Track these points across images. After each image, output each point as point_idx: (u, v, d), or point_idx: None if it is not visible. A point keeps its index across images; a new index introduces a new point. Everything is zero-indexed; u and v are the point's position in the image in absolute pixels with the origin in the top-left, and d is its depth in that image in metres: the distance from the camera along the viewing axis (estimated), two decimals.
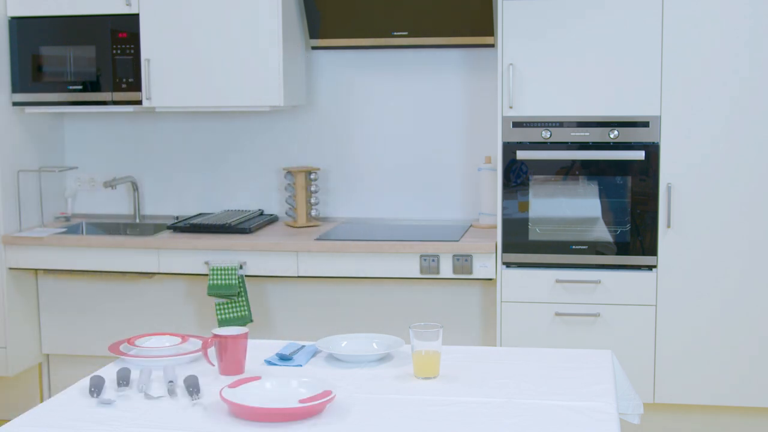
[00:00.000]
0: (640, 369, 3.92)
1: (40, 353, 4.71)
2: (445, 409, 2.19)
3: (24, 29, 4.41)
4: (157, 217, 4.76)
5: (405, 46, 4.43)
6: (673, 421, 4.08)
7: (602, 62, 3.92)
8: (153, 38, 4.32)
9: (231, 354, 2.43)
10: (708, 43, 3.84)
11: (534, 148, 3.99)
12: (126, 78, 4.37)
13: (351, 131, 4.64)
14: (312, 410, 2.12)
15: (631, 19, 3.88)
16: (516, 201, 4.03)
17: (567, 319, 4.01)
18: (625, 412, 2.58)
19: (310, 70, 4.63)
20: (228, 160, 4.75)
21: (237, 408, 2.13)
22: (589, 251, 4.00)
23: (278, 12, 4.21)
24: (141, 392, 2.30)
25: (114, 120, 4.82)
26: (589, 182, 4.03)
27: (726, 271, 3.92)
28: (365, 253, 4.09)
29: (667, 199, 3.91)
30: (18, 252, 4.38)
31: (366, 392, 2.31)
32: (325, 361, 2.59)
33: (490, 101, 4.37)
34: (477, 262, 4.04)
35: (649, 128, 3.91)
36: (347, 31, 4.43)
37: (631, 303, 3.97)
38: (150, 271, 4.28)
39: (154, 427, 2.10)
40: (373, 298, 4.51)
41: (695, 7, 3.83)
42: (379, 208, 4.65)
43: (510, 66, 3.96)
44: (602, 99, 3.94)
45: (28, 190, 4.55)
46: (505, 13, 3.95)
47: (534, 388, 2.33)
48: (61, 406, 2.25)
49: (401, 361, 2.55)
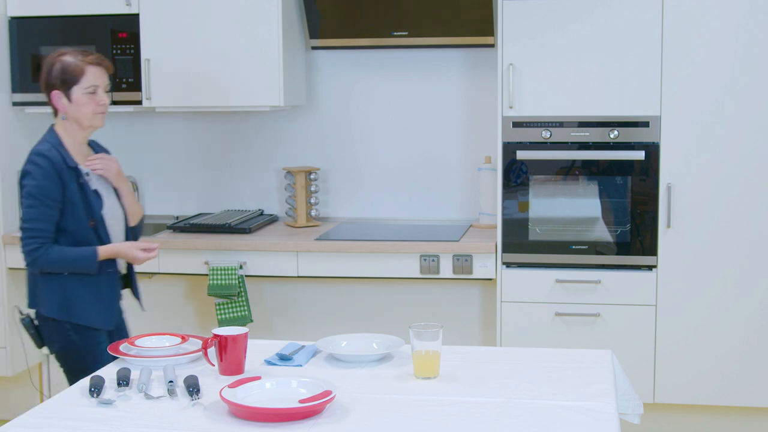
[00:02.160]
0: (640, 369, 3.93)
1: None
2: (445, 409, 2.19)
3: (24, 29, 4.41)
4: (157, 217, 4.75)
5: (405, 46, 4.43)
6: (673, 421, 4.08)
7: (602, 62, 3.92)
8: (153, 38, 4.31)
9: (231, 354, 2.43)
10: (708, 43, 3.84)
11: (534, 148, 3.99)
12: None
13: (351, 131, 4.64)
14: (312, 410, 2.12)
15: (631, 19, 3.88)
16: (516, 201, 4.03)
17: (567, 319, 4.00)
18: (625, 412, 2.58)
19: (310, 70, 4.63)
20: (228, 160, 4.75)
21: (237, 408, 2.13)
22: (589, 251, 4.00)
23: (278, 12, 4.21)
24: (141, 392, 2.30)
25: (114, 120, 4.82)
26: (589, 182, 4.03)
27: (726, 271, 3.92)
28: (365, 253, 4.09)
29: (667, 199, 3.91)
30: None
31: (366, 392, 2.31)
32: (325, 361, 2.59)
33: (490, 101, 4.37)
34: (477, 262, 4.03)
35: (649, 128, 3.91)
36: (347, 31, 4.43)
37: (631, 303, 3.97)
38: (150, 271, 4.28)
39: (154, 427, 2.10)
40: (373, 298, 4.51)
41: (695, 7, 3.83)
42: (379, 208, 4.65)
43: (510, 66, 3.96)
44: (602, 99, 3.93)
45: None
46: (505, 13, 3.95)
47: (534, 388, 2.33)
48: (61, 406, 2.25)
49: (401, 361, 2.55)
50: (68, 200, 3.02)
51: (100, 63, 3.11)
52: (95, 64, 3.08)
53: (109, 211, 3.13)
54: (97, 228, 3.07)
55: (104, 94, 3.11)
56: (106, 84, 3.13)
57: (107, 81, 3.14)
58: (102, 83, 3.10)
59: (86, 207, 3.05)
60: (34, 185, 2.99)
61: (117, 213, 3.19)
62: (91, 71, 3.07)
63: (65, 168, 3.02)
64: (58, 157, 3.01)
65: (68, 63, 3.05)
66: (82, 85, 3.05)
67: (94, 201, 3.07)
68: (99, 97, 3.09)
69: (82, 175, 3.07)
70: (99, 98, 3.08)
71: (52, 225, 3.02)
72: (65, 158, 3.03)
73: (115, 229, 3.17)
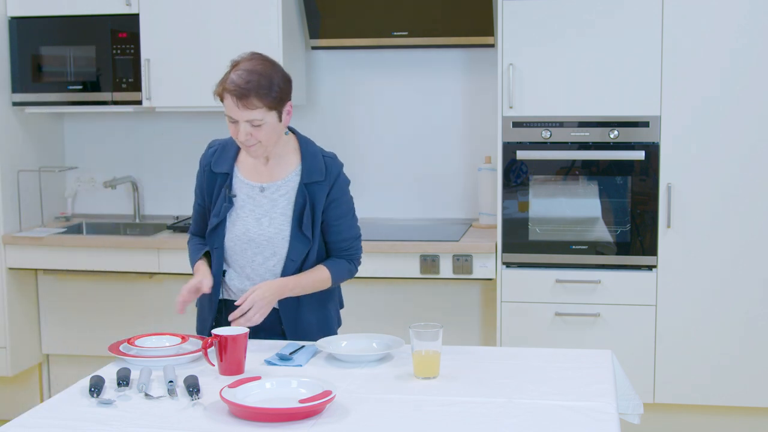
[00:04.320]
0: (640, 369, 3.92)
1: (40, 353, 4.71)
2: (445, 409, 2.19)
3: (24, 29, 4.41)
4: (157, 217, 4.76)
5: (405, 46, 4.43)
6: (673, 421, 4.08)
7: (602, 62, 3.92)
8: (153, 38, 4.31)
9: (231, 354, 2.43)
10: (708, 43, 3.84)
11: (534, 148, 3.99)
12: (126, 78, 4.37)
13: (351, 131, 4.64)
14: (312, 410, 2.12)
15: (632, 19, 3.88)
16: (516, 201, 4.03)
17: (567, 319, 4.00)
18: (625, 412, 2.57)
19: (310, 70, 4.63)
20: None
21: (237, 408, 2.13)
22: (589, 251, 4.00)
23: (278, 12, 4.21)
24: (141, 392, 2.30)
25: (114, 120, 4.82)
26: (589, 182, 4.03)
27: (726, 271, 3.91)
28: (365, 253, 4.07)
29: (667, 199, 3.91)
30: (18, 252, 4.38)
31: (366, 392, 2.31)
32: (325, 361, 2.58)
33: (490, 101, 4.37)
34: (477, 262, 4.03)
35: (649, 128, 3.91)
36: (347, 31, 4.43)
37: (631, 303, 3.97)
38: (150, 271, 4.28)
39: (154, 427, 2.10)
40: (373, 298, 4.51)
41: (695, 7, 3.83)
42: (379, 208, 4.65)
43: (510, 66, 3.95)
44: (602, 99, 3.93)
45: (28, 190, 4.55)
46: (505, 13, 3.95)
47: (534, 388, 2.33)
48: (61, 406, 2.25)
49: (401, 361, 2.55)
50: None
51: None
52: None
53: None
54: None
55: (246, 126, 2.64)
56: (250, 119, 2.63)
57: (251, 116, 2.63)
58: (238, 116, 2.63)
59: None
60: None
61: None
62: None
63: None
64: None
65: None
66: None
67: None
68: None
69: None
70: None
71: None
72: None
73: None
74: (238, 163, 2.80)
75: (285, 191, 2.75)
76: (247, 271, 2.77)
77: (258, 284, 2.68)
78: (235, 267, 2.78)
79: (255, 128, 2.62)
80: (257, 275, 2.76)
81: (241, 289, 2.77)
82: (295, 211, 2.73)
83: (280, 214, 2.74)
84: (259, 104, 2.60)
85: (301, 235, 2.73)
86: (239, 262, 2.77)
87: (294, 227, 2.73)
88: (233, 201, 2.75)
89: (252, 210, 2.75)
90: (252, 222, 2.74)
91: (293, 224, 2.73)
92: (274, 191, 2.75)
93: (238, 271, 2.78)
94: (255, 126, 2.61)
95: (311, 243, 2.75)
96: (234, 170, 2.78)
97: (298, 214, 2.73)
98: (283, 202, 2.74)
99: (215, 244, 2.77)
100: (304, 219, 2.72)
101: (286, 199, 2.75)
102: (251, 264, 2.76)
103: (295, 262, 2.74)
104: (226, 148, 2.83)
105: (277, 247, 2.74)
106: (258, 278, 2.76)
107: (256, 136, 2.63)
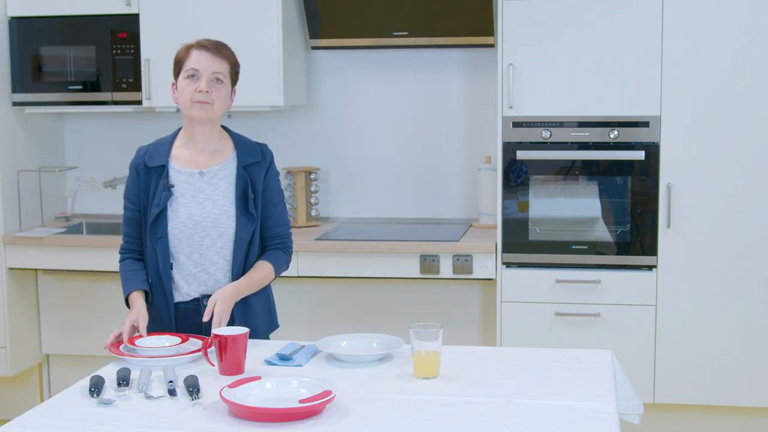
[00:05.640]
0: (640, 369, 3.92)
1: (40, 353, 4.71)
2: (445, 409, 2.19)
3: (24, 29, 4.41)
4: None
5: (405, 46, 4.43)
6: (673, 421, 4.08)
7: (602, 62, 3.92)
8: (153, 38, 4.31)
9: (231, 354, 2.43)
10: (708, 43, 3.84)
11: (534, 148, 3.99)
12: (126, 78, 4.37)
13: (351, 131, 4.64)
14: (312, 410, 2.12)
15: (632, 19, 3.88)
16: (516, 201, 4.03)
17: (567, 319, 4.00)
18: (625, 412, 2.57)
19: (310, 70, 4.63)
20: None
21: (237, 408, 2.13)
22: (589, 251, 4.00)
23: (278, 12, 4.21)
24: (141, 392, 2.30)
25: (114, 120, 4.82)
26: (589, 182, 4.03)
27: (726, 271, 3.91)
28: (365, 253, 4.09)
29: (667, 199, 3.91)
30: (18, 252, 4.38)
31: (366, 392, 2.31)
32: (325, 361, 2.58)
33: (490, 101, 4.37)
34: (477, 262, 4.03)
35: (649, 128, 3.91)
36: (347, 31, 4.43)
37: (631, 303, 3.97)
38: None
39: (154, 427, 2.10)
40: (373, 298, 4.51)
41: (695, 7, 3.83)
42: (379, 208, 4.65)
43: (510, 66, 3.96)
44: (602, 99, 3.94)
45: (28, 190, 4.55)
46: (505, 13, 3.95)
47: (534, 388, 2.33)
48: (61, 406, 2.25)
49: (401, 361, 2.55)
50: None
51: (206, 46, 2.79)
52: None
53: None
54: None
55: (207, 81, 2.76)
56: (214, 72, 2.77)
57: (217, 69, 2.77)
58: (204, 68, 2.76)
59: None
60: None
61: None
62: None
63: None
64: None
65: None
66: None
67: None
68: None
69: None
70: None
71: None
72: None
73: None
74: (173, 158, 2.86)
75: (224, 175, 2.82)
76: (195, 258, 2.79)
77: (214, 293, 2.72)
78: (182, 255, 2.79)
79: (216, 84, 2.75)
80: (206, 260, 2.79)
81: (187, 292, 2.81)
82: (237, 193, 2.80)
83: (223, 196, 2.80)
84: (227, 59, 2.79)
85: (246, 214, 2.79)
86: (186, 249, 2.79)
87: (239, 207, 2.79)
88: (171, 190, 2.78)
89: (194, 196, 2.79)
90: (195, 206, 2.78)
91: (237, 204, 2.79)
92: (214, 175, 2.82)
93: (186, 259, 2.79)
94: (217, 82, 2.75)
95: (257, 221, 2.82)
96: (169, 164, 2.83)
97: (240, 195, 2.80)
98: (223, 185, 2.81)
99: (159, 234, 2.77)
100: (248, 199, 2.79)
101: (226, 182, 2.81)
102: (199, 249, 2.78)
103: (244, 240, 2.80)
104: (158, 146, 2.90)
105: (224, 227, 2.78)
106: (207, 263, 2.79)
107: (213, 94, 2.74)
